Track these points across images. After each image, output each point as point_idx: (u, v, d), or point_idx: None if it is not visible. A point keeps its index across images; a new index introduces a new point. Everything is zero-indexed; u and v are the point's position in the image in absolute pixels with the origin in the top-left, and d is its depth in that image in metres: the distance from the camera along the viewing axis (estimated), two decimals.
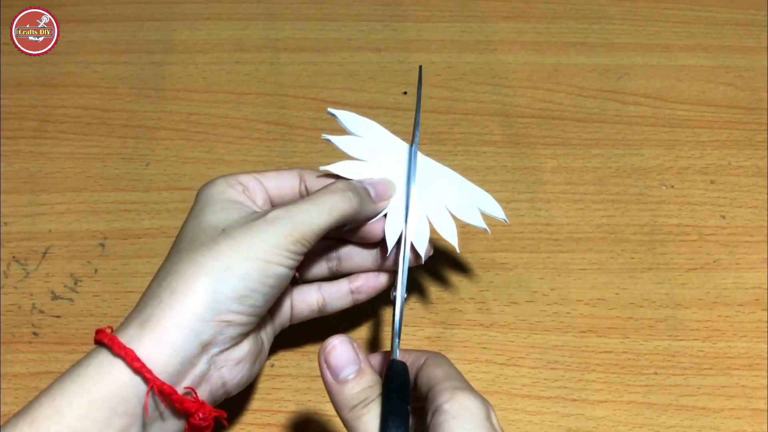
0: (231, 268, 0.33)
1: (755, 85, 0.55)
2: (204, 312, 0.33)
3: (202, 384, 0.34)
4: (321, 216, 0.35)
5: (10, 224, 0.48)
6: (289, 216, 0.35)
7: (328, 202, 0.36)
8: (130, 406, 0.32)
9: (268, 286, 0.34)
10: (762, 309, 0.46)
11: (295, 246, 0.35)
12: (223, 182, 0.38)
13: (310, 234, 0.35)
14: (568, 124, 0.53)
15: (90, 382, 0.32)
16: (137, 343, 0.32)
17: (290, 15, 0.58)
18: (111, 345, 0.32)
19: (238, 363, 0.35)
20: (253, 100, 0.54)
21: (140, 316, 0.33)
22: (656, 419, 0.43)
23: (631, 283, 0.47)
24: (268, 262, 0.34)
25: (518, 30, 0.58)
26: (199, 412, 0.33)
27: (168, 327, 0.32)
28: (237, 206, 0.36)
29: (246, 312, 0.34)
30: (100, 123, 0.52)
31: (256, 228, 0.34)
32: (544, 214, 0.50)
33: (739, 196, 0.51)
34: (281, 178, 0.40)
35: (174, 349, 0.32)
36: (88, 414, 0.31)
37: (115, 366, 0.32)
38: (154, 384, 0.32)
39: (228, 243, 0.34)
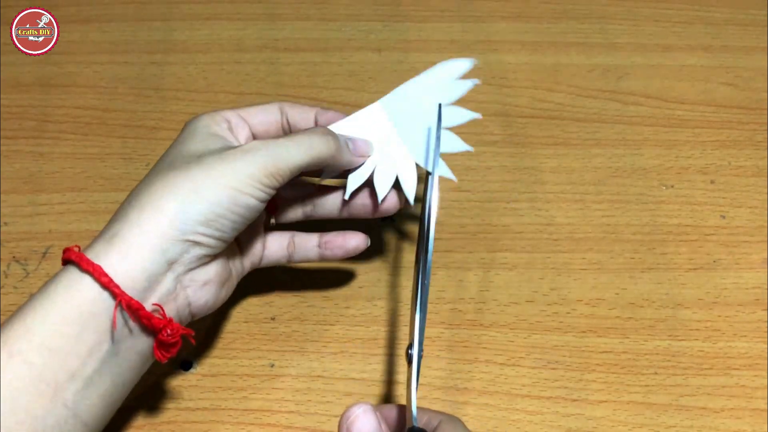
0: (200, 191, 0.34)
1: (755, 85, 0.55)
2: (170, 231, 0.33)
3: (168, 303, 0.34)
4: (298, 153, 0.36)
5: (10, 224, 0.48)
6: (266, 148, 0.35)
7: (306, 141, 0.37)
8: (100, 322, 0.32)
9: (236, 214, 0.35)
10: (762, 309, 0.46)
11: (268, 179, 0.35)
12: (207, 117, 0.38)
13: (285, 169, 0.36)
14: (568, 124, 0.53)
15: (60, 299, 0.32)
16: (104, 259, 0.32)
17: (290, 15, 0.58)
18: (79, 261, 0.32)
19: (204, 285, 0.36)
20: (253, 100, 0.54)
21: (107, 233, 0.34)
22: (656, 419, 0.43)
23: (631, 283, 0.47)
24: (238, 190, 0.34)
25: (518, 30, 0.58)
26: (167, 328, 0.33)
27: (135, 244, 0.33)
28: (218, 139, 0.37)
29: (212, 235, 0.34)
30: (100, 123, 0.52)
31: (231, 156, 0.35)
32: (544, 214, 0.50)
33: (739, 196, 0.51)
34: (264, 113, 0.40)
35: (141, 266, 0.33)
36: (59, 330, 0.32)
37: (84, 282, 0.32)
38: (122, 299, 0.32)
39: (201, 168, 0.34)
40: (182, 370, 0.43)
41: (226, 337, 0.45)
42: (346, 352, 0.44)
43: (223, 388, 0.43)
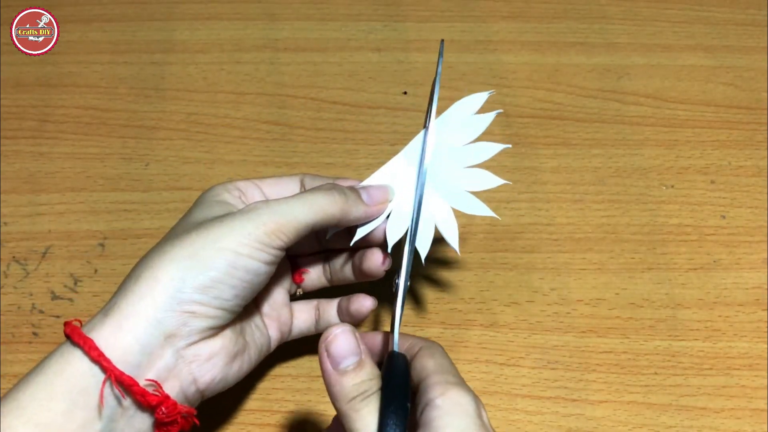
0: (196, 256, 0.32)
1: (755, 85, 0.55)
2: (166, 300, 0.31)
3: (170, 379, 0.32)
4: (301, 210, 0.34)
5: (10, 224, 0.48)
6: (267, 207, 0.34)
7: (311, 198, 0.35)
8: (90, 398, 0.30)
9: (236, 278, 0.33)
10: (762, 309, 0.46)
11: (269, 238, 0.33)
12: (220, 187, 0.37)
13: (288, 227, 0.34)
14: (568, 124, 0.53)
15: (51, 373, 0.31)
16: (98, 332, 0.31)
17: (290, 15, 0.58)
18: (71, 335, 0.31)
19: (210, 359, 0.33)
20: (253, 100, 0.54)
21: (106, 306, 0.32)
22: (656, 419, 0.43)
23: (631, 283, 0.47)
24: (237, 253, 0.32)
25: (518, 30, 0.58)
26: (162, 405, 0.31)
27: (128, 315, 0.31)
28: (224, 206, 0.36)
29: (211, 304, 0.32)
30: (100, 123, 0.52)
31: (230, 219, 0.33)
32: (544, 214, 0.50)
33: (739, 196, 0.51)
34: (282, 183, 0.39)
35: (134, 337, 0.31)
36: (50, 406, 0.30)
37: (75, 356, 0.31)
38: (112, 373, 0.30)
39: (198, 233, 0.33)
40: None
41: None
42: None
43: None
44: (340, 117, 0.53)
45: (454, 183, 0.39)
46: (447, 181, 0.39)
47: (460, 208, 0.39)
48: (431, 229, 0.38)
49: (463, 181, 0.39)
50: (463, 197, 0.39)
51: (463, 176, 0.39)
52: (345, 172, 0.51)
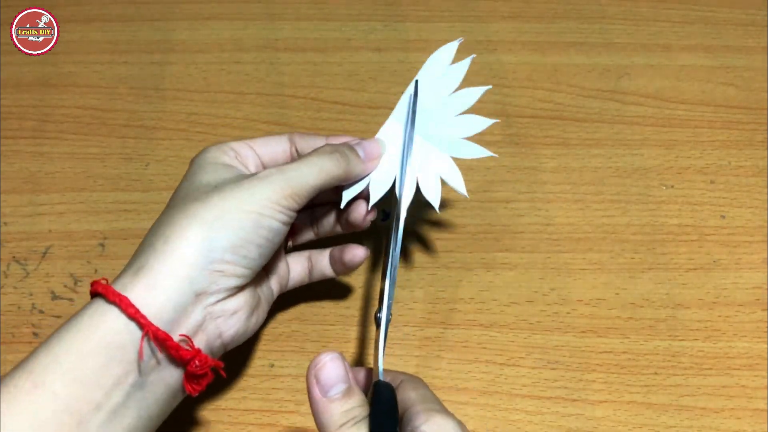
0: (224, 218, 0.34)
1: (755, 85, 0.55)
2: (197, 260, 0.33)
3: (198, 334, 0.34)
4: (312, 174, 0.37)
5: (10, 224, 0.48)
6: (282, 173, 0.36)
7: (318, 162, 0.37)
8: (126, 353, 0.32)
9: (261, 237, 0.35)
10: (762, 309, 0.46)
11: (287, 201, 0.36)
12: (215, 149, 0.39)
13: (302, 191, 0.36)
14: (568, 124, 0.53)
15: (86, 330, 0.32)
16: (131, 291, 0.32)
17: (290, 15, 0.58)
18: (105, 293, 0.32)
19: (234, 314, 0.35)
20: (253, 100, 0.54)
21: (134, 265, 0.33)
22: (656, 419, 0.43)
23: (631, 283, 0.47)
24: (260, 214, 0.35)
25: (518, 30, 0.58)
26: (196, 359, 0.33)
27: (162, 274, 0.33)
28: (229, 169, 0.38)
29: (240, 263, 0.34)
30: (100, 123, 0.52)
31: (248, 184, 0.35)
32: (544, 214, 0.50)
33: (739, 196, 0.51)
34: (272, 143, 0.41)
35: (167, 296, 0.32)
36: (86, 362, 0.31)
37: (111, 313, 0.32)
38: (149, 329, 0.32)
39: (221, 196, 0.35)
40: None
41: None
42: (346, 352, 0.44)
43: (223, 388, 0.43)
44: (340, 117, 0.53)
45: (446, 133, 0.42)
46: (439, 132, 0.42)
47: (458, 155, 0.42)
48: (437, 181, 0.41)
49: (454, 130, 0.42)
50: (459, 144, 0.42)
51: (453, 125, 0.42)
52: None
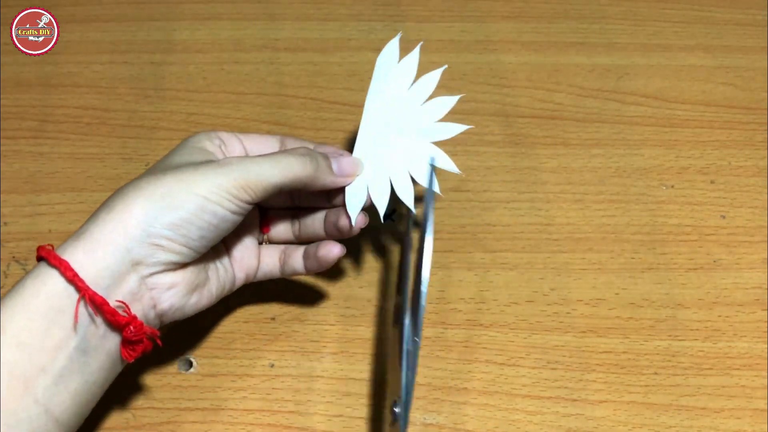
0: (170, 196, 0.34)
1: (755, 85, 0.55)
2: (137, 232, 0.34)
3: (133, 303, 0.34)
4: (272, 171, 0.36)
5: (10, 224, 0.48)
6: (240, 163, 0.36)
7: (283, 161, 0.37)
8: (67, 317, 0.32)
9: (204, 221, 0.35)
10: (762, 309, 0.46)
11: (238, 191, 0.35)
12: (204, 134, 0.39)
13: (257, 185, 0.36)
14: (568, 124, 0.53)
15: (28, 294, 0.33)
16: (71, 255, 0.33)
17: (290, 15, 0.58)
18: (48, 257, 0.33)
19: (170, 288, 0.36)
20: (253, 100, 0.54)
21: (78, 231, 0.34)
22: (656, 419, 0.43)
23: (631, 283, 0.47)
24: (206, 198, 0.35)
25: (518, 30, 0.58)
26: (131, 325, 0.34)
27: (101, 241, 0.33)
28: (203, 153, 0.38)
29: (178, 240, 0.35)
30: (100, 123, 0.52)
31: (204, 167, 0.36)
32: (544, 214, 0.50)
33: (739, 196, 0.51)
34: (262, 141, 0.41)
35: (105, 262, 0.33)
36: (29, 325, 0.32)
37: (51, 276, 0.33)
38: (85, 293, 0.32)
39: (174, 175, 0.35)
40: (182, 371, 0.43)
41: (226, 337, 0.45)
42: (346, 352, 0.44)
43: (223, 388, 0.43)
44: (340, 117, 0.53)
45: (418, 123, 0.42)
46: (411, 125, 0.42)
47: (437, 138, 0.42)
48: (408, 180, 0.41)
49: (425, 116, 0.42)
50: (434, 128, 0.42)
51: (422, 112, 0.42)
52: None
